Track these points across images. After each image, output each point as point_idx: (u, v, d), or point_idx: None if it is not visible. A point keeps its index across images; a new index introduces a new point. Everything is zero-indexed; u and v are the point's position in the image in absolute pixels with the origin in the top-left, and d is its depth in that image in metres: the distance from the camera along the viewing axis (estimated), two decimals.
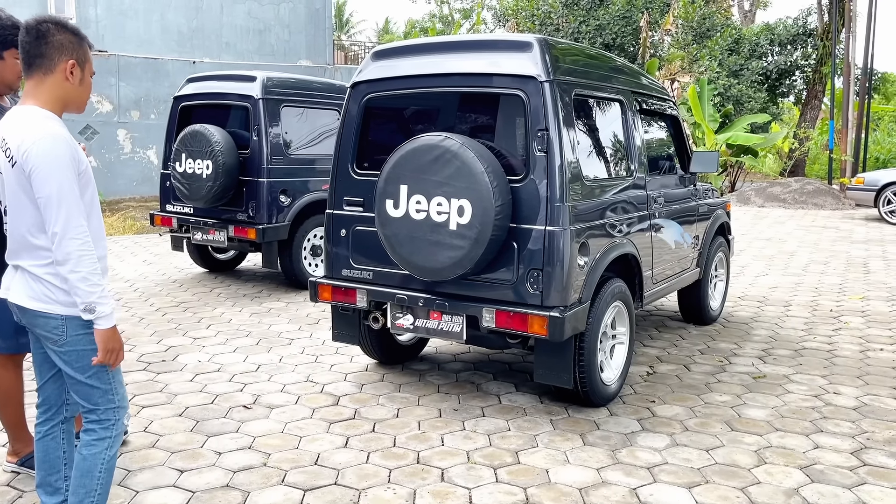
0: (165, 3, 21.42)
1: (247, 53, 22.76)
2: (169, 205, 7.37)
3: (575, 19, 20.62)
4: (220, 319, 6.05)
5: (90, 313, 2.34)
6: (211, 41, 22.32)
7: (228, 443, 3.68)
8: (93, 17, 20.48)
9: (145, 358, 5.00)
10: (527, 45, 3.79)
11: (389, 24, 50.06)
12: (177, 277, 7.74)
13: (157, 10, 21.43)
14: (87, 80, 2.51)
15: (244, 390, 4.43)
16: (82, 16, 20.33)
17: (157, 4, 21.33)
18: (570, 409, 4.16)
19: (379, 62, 4.24)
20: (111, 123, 19.94)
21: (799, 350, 5.38)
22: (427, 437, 3.77)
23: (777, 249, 10.02)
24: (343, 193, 4.30)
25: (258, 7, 23.08)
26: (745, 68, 20.20)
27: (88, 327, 2.38)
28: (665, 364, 5.02)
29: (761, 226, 12.50)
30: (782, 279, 8.00)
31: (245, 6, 22.91)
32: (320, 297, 4.35)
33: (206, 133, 6.63)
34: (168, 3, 21.47)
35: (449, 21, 41.03)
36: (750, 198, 15.96)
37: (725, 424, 3.98)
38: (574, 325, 3.74)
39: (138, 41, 21.12)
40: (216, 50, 22.44)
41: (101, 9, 20.65)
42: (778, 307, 6.73)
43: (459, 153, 3.63)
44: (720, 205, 6.06)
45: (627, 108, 4.54)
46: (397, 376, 4.70)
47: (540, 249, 3.69)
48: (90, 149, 20.10)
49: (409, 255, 3.84)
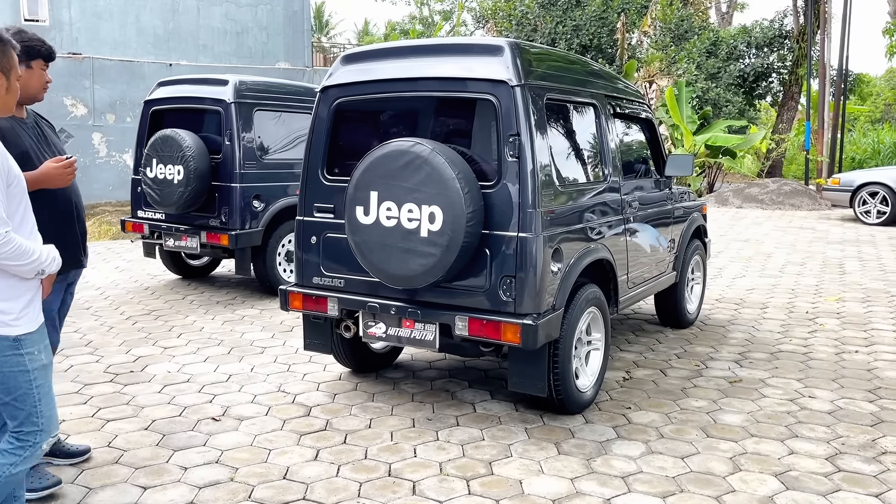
0: (141, 5, 21.17)
1: (224, 56, 22.55)
2: (140, 211, 7.24)
3: (552, 20, 20.64)
4: (192, 328, 5.94)
5: (42, 274, 2.46)
6: (188, 43, 22.09)
7: (195, 457, 3.59)
8: (67, 20, 20.20)
9: (113, 369, 4.89)
10: (498, 49, 3.73)
11: (369, 25, 49.91)
12: (149, 285, 7.61)
13: (132, 13, 21.17)
14: (13, 86, 2.46)
15: (214, 401, 4.34)
16: (56, 18, 20.05)
17: (132, 6, 21.07)
18: (546, 416, 4.11)
19: (349, 66, 4.17)
20: (86, 127, 19.66)
21: (775, 353, 5.37)
22: (399, 449, 3.70)
23: (754, 251, 10.05)
24: (313, 200, 4.22)
25: (235, 9, 22.87)
26: (722, 71, 20.32)
27: (17, 349, 2.33)
28: (642, 369, 4.99)
29: (739, 227, 12.56)
30: (759, 281, 8.02)
31: (222, 8, 22.70)
32: (291, 305, 4.26)
33: (176, 138, 6.52)
34: (144, 5, 21.22)
35: (429, 23, 40.96)
36: (728, 199, 16.04)
37: (701, 431, 3.95)
38: (547, 332, 3.69)
39: (113, 43, 20.85)
40: (193, 52, 22.22)
41: (75, 11, 20.37)
42: (755, 309, 6.73)
43: (430, 159, 3.56)
44: (696, 208, 6.04)
45: (601, 112, 4.50)
46: (371, 385, 4.63)
47: (512, 256, 3.63)
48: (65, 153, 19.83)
49: (379, 262, 3.77)
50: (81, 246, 3.23)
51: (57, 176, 3.01)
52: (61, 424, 3.94)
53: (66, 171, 3.02)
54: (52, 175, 3.00)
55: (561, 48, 20.40)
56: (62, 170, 3.01)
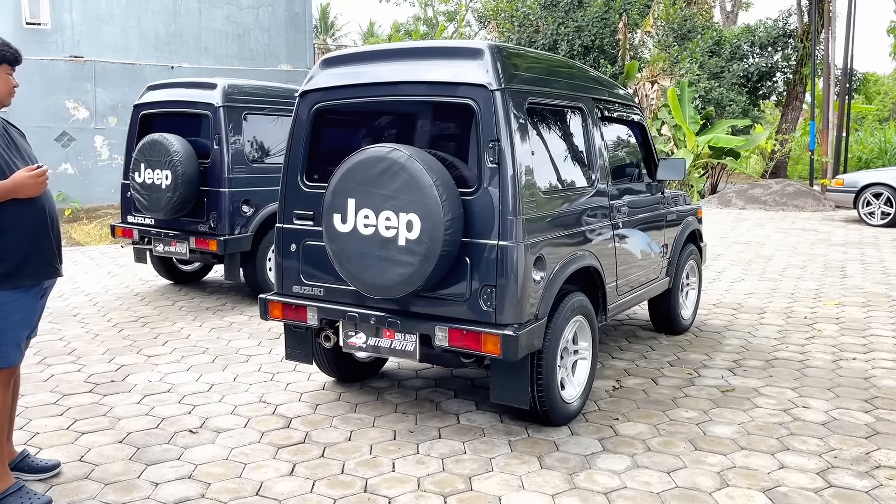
0: (143, 8, 21.14)
1: (226, 58, 22.51)
2: (130, 216, 7.17)
3: (554, 21, 20.50)
4: (178, 335, 5.86)
5: None
6: (189, 46, 22.05)
7: (168, 472, 3.50)
8: (68, 23, 20.18)
9: (93, 378, 4.81)
10: (478, 52, 3.64)
11: (374, 26, 49.86)
12: (140, 290, 7.54)
13: (133, 15, 21.14)
14: None
15: (193, 412, 4.25)
16: (58, 21, 20.04)
17: (134, 9, 21.04)
18: (531, 428, 4.01)
19: (328, 70, 4.07)
20: (88, 130, 19.67)
21: (770, 360, 5.25)
22: (378, 463, 3.60)
23: (755, 253, 9.92)
24: (292, 207, 4.13)
25: (237, 11, 22.83)
26: (726, 70, 20.15)
27: None
28: (632, 377, 4.88)
29: (741, 229, 12.41)
30: (758, 284, 7.89)
31: (224, 10, 22.65)
32: (270, 314, 4.18)
33: (164, 142, 6.44)
34: (145, 8, 21.19)
35: (433, 24, 40.88)
36: (731, 200, 15.89)
37: (689, 443, 3.84)
38: (529, 343, 3.59)
39: (115, 46, 20.82)
40: (195, 55, 22.19)
41: (76, 14, 20.35)
42: (752, 314, 6.61)
43: (407, 165, 3.47)
44: (691, 211, 5.93)
45: (588, 115, 4.39)
46: (355, 395, 4.54)
47: (492, 265, 3.53)
48: (67, 156, 19.85)
49: (357, 271, 3.67)
50: (56, 254, 3.15)
51: (30, 185, 2.94)
52: (34, 438, 3.87)
53: (38, 179, 2.95)
54: (24, 184, 2.93)
55: (563, 49, 20.29)
56: (35, 179, 2.94)
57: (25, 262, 3.00)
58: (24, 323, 3.05)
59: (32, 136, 14.53)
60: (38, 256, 3.04)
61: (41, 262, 3.05)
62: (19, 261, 2.98)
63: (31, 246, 3.01)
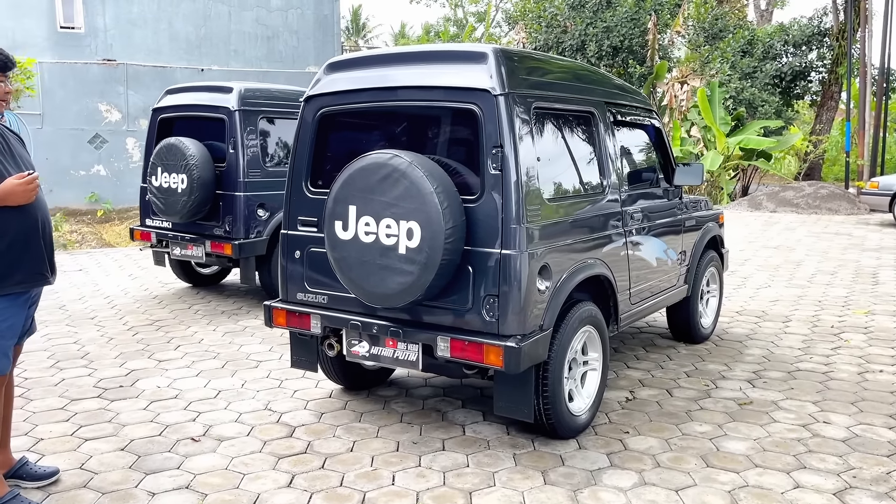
0: (173, 12, 21.41)
1: (255, 60, 22.69)
2: (148, 219, 7.21)
3: (582, 21, 20.28)
4: (191, 339, 5.86)
5: None
6: (219, 49, 22.28)
7: (165, 481, 3.46)
8: (101, 27, 20.50)
9: (103, 383, 4.82)
10: (481, 56, 3.55)
11: (405, 28, 49.94)
12: (158, 293, 7.58)
13: (165, 19, 21.42)
14: None
15: (197, 420, 4.22)
16: (91, 25, 20.37)
17: (165, 13, 21.32)
18: (537, 441, 3.90)
19: (333, 75, 4.02)
20: (120, 132, 19.96)
21: (792, 372, 5.07)
22: (377, 476, 3.53)
23: (784, 258, 9.67)
24: (297, 213, 4.09)
25: (266, 14, 23.01)
26: (758, 70, 19.74)
27: None
28: (647, 388, 4.74)
29: (770, 232, 12.13)
30: (785, 291, 7.67)
31: (253, 13, 22.85)
32: (275, 322, 4.13)
33: (180, 146, 6.46)
34: (176, 12, 21.46)
35: (463, 25, 40.83)
36: (762, 203, 15.55)
37: (701, 459, 3.70)
38: (533, 354, 3.49)
39: (147, 50, 21.12)
40: (224, 57, 22.42)
41: (109, 18, 20.66)
42: (776, 323, 6.41)
43: (408, 172, 3.39)
44: (711, 217, 5.76)
45: (599, 120, 4.27)
46: (361, 404, 4.47)
47: (495, 274, 3.44)
48: (99, 158, 20.16)
49: (358, 279, 3.61)
50: (47, 262, 3.13)
51: (20, 193, 2.92)
52: (38, 444, 3.87)
53: (28, 187, 2.93)
54: (14, 192, 2.91)
55: (591, 50, 20.06)
56: (24, 186, 2.92)
57: (15, 269, 2.98)
58: (11, 331, 3.03)
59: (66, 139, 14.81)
60: (27, 264, 3.02)
61: (30, 271, 3.04)
62: (8, 268, 2.96)
63: (21, 254, 3.00)
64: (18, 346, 3.30)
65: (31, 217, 3.02)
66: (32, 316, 3.31)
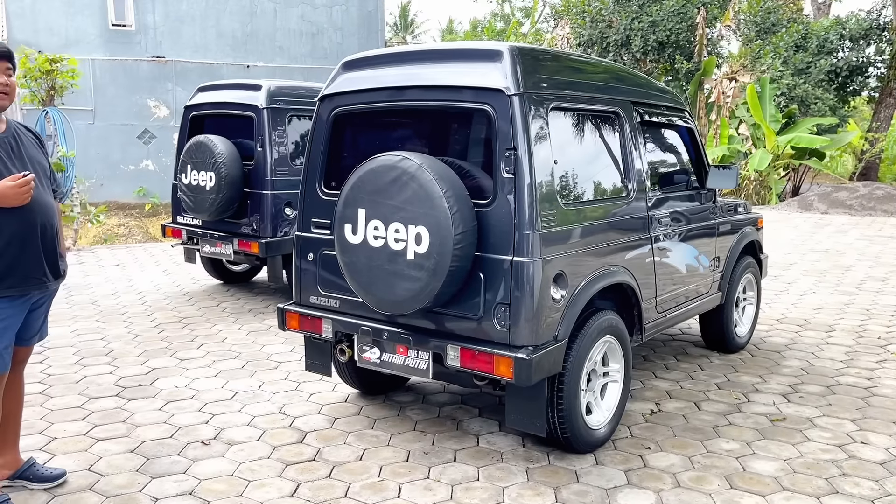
0: (221, 9, 21.69)
1: (300, 57, 22.87)
2: (179, 216, 7.24)
3: (627, 16, 19.84)
4: (216, 338, 5.85)
5: None
6: (265, 45, 22.51)
7: (170, 486, 3.42)
8: (151, 24, 20.89)
9: (122, 382, 4.82)
10: (497, 54, 3.40)
11: (453, 24, 49.81)
12: (189, 290, 7.62)
13: (212, 16, 21.72)
14: None
15: (210, 422, 4.19)
16: (141, 23, 20.76)
17: (212, 10, 21.62)
18: (553, 455, 3.76)
19: (348, 73, 3.92)
20: (168, 128, 20.31)
21: (832, 386, 4.81)
22: (384, 487, 3.43)
23: (832, 263, 9.26)
24: (311, 215, 4.00)
25: (311, 10, 23.15)
26: (812, 66, 19.03)
27: None
28: (674, 401, 4.54)
29: (820, 235, 11.66)
30: (831, 298, 7.33)
31: (298, 10, 23.02)
32: (288, 325, 4.07)
33: (209, 144, 6.46)
34: (223, 9, 21.74)
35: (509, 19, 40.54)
36: (812, 203, 14.99)
37: (725, 480, 3.51)
38: (546, 366, 3.34)
39: (194, 46, 21.46)
40: (270, 54, 22.64)
41: (158, 15, 21.03)
42: (819, 332, 6.11)
43: (417, 175, 3.27)
44: (749, 221, 5.51)
45: (625, 120, 4.08)
46: (376, 409, 4.38)
47: (507, 282, 3.30)
48: (148, 153, 20.57)
49: (367, 284, 3.51)
50: (45, 266, 3.09)
51: (12, 195, 2.88)
52: (50, 443, 3.88)
53: (20, 189, 2.89)
54: (7, 194, 2.88)
55: (636, 45, 19.63)
56: (17, 188, 2.88)
57: (10, 273, 2.95)
58: (6, 333, 3.00)
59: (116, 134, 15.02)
60: (24, 268, 2.99)
61: (27, 274, 3.01)
62: (3, 272, 2.93)
63: (18, 257, 2.97)
64: (27, 348, 3.28)
65: (28, 221, 2.99)
66: (42, 319, 3.29)
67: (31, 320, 3.17)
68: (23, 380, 3.35)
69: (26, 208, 2.96)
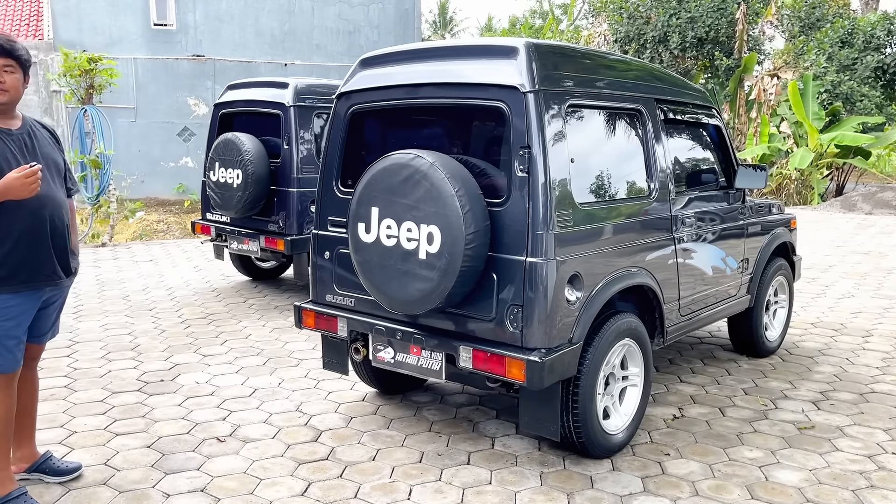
0: (259, 8, 21.94)
1: (336, 55, 23.01)
2: (209, 213, 7.31)
3: (665, 12, 19.51)
4: (240, 335, 5.89)
5: None
6: (302, 44, 22.71)
7: (182, 483, 3.44)
8: (192, 23, 21.22)
9: (145, 377, 4.88)
10: (512, 50, 3.34)
11: (492, 21, 49.65)
12: (217, 286, 7.69)
13: (251, 15, 21.98)
14: None
15: (227, 419, 4.20)
16: (182, 22, 21.10)
17: (251, 9, 21.87)
18: (568, 459, 3.68)
19: (365, 70, 3.89)
20: (206, 125, 20.51)
21: (865, 394, 4.64)
22: (394, 489, 3.40)
23: (873, 265, 8.97)
24: (327, 213, 3.99)
25: (348, 9, 23.28)
26: (858, 62, 18.48)
27: None
28: (698, 406, 4.43)
29: (862, 237, 11.31)
30: (870, 302, 7.09)
31: (335, 8, 23.16)
32: (304, 323, 4.06)
33: (236, 142, 6.50)
34: (262, 8, 21.98)
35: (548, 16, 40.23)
36: (856, 204, 14.56)
37: (746, 490, 3.40)
38: (559, 370, 3.27)
39: (233, 45, 21.73)
40: (307, 52, 22.82)
41: (199, 14, 21.35)
42: (855, 337, 5.91)
43: (429, 174, 3.23)
44: (781, 222, 5.34)
45: (648, 118, 3.98)
46: (392, 409, 4.35)
47: (520, 283, 3.24)
48: (187, 150, 20.90)
49: (380, 284, 3.48)
50: (56, 262, 3.11)
51: (18, 186, 2.86)
52: (70, 437, 3.93)
53: (27, 180, 2.86)
54: (12, 185, 2.86)
55: (674, 41, 19.30)
56: (23, 180, 2.86)
57: (19, 268, 2.97)
58: (17, 329, 3.02)
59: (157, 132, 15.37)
60: (33, 264, 3.01)
61: (36, 271, 3.03)
62: (12, 267, 2.96)
63: (27, 254, 2.98)
64: (40, 346, 3.31)
65: (38, 217, 3.00)
66: (55, 317, 3.32)
67: (42, 318, 3.19)
68: (37, 376, 3.39)
69: (36, 204, 2.98)
